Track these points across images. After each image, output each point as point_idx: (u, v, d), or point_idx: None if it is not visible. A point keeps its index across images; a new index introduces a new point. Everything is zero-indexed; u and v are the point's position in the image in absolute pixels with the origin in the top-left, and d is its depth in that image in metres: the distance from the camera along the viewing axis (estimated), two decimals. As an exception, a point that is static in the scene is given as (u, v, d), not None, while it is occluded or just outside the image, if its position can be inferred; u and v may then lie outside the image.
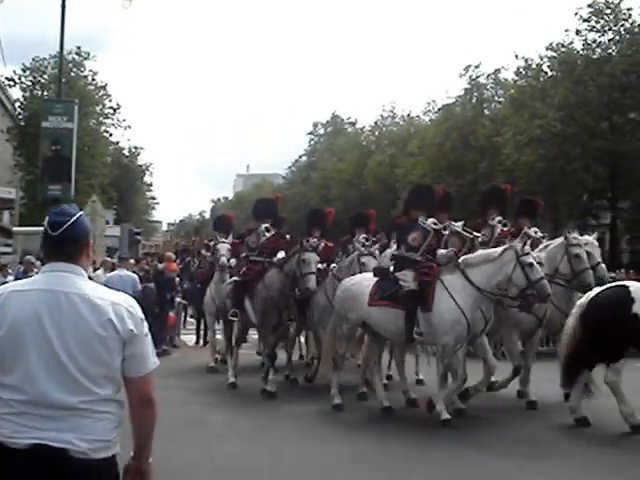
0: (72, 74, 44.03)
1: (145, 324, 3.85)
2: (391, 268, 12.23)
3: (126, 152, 65.20)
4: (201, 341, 22.23)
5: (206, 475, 8.81)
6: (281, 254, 14.46)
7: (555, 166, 40.28)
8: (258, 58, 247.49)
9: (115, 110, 48.46)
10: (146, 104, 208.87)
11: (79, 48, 45.13)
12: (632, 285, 10.84)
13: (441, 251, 11.85)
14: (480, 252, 11.65)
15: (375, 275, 12.24)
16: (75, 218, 3.81)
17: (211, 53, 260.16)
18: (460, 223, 12.54)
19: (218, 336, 17.55)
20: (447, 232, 12.26)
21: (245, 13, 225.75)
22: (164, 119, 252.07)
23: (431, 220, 12.07)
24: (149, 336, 3.87)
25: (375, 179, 58.59)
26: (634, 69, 39.29)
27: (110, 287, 4.08)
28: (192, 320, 24.21)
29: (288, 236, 16.28)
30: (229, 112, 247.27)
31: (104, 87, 47.77)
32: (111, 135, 50.57)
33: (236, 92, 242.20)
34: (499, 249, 11.38)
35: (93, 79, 46.66)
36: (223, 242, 17.31)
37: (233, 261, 16.94)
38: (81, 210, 3.96)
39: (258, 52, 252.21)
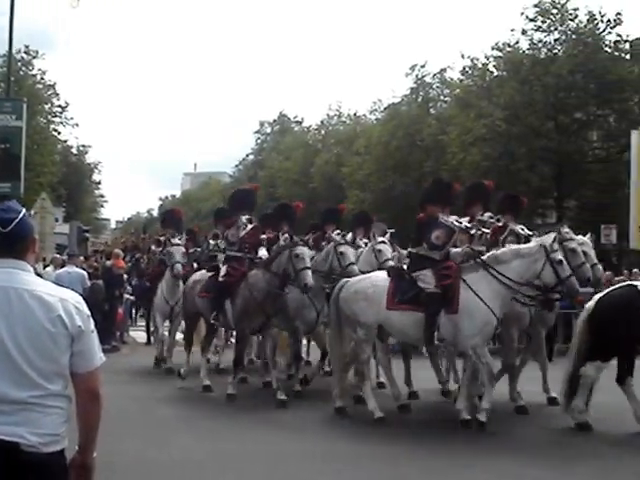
0: (21, 73, 43.96)
1: (91, 320, 3.86)
2: (404, 267, 11.81)
3: (74, 150, 64.87)
4: (152, 339, 21.66)
5: (158, 467, 8.76)
6: (262, 251, 14.14)
7: (500, 165, 40.27)
8: (205, 56, 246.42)
9: (63, 108, 48.22)
10: (94, 102, 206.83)
11: (27, 47, 45.42)
12: None
13: (455, 250, 11.43)
14: (509, 248, 11.23)
15: (389, 275, 11.60)
16: (22, 214, 3.82)
17: (159, 51, 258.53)
18: (465, 219, 12.23)
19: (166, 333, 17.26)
20: (474, 231, 11.89)
21: (192, 10, 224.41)
22: (112, 117, 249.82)
23: (454, 217, 11.69)
24: (95, 332, 3.89)
25: (322, 178, 58.39)
26: (580, 69, 39.35)
27: (59, 284, 4.11)
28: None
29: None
30: (177, 110, 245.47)
31: (52, 86, 48.21)
32: (59, 133, 50.75)
33: (184, 90, 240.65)
34: (530, 245, 11.03)
35: (42, 78, 46.75)
36: (177, 245, 16.60)
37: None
38: (27, 208, 3.62)
39: (205, 50, 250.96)
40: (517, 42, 42.38)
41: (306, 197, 58.64)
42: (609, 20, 40.77)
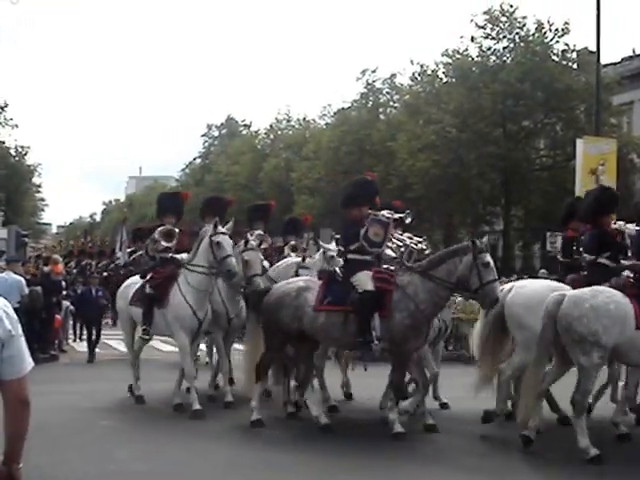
0: None
1: (19, 325, 3.77)
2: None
3: (13, 152, 63.10)
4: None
5: (100, 480, 8.57)
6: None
7: (449, 172, 40.51)
8: (152, 58, 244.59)
9: (2, 109, 47.13)
10: (35, 103, 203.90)
11: None
12: None
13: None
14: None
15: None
16: None
17: (102, 51, 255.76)
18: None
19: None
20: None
21: (137, 8, 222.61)
22: (54, 119, 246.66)
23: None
24: (23, 337, 3.79)
25: (270, 183, 58.16)
26: (527, 77, 39.69)
27: None
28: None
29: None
30: (122, 112, 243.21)
31: None
32: None
33: (130, 92, 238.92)
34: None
35: None
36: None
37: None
38: None
39: (151, 52, 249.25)
40: (466, 49, 42.74)
41: (254, 202, 58.43)
42: (557, 29, 41.33)
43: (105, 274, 25.81)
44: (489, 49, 42.50)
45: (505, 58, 42.16)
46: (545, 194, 40.66)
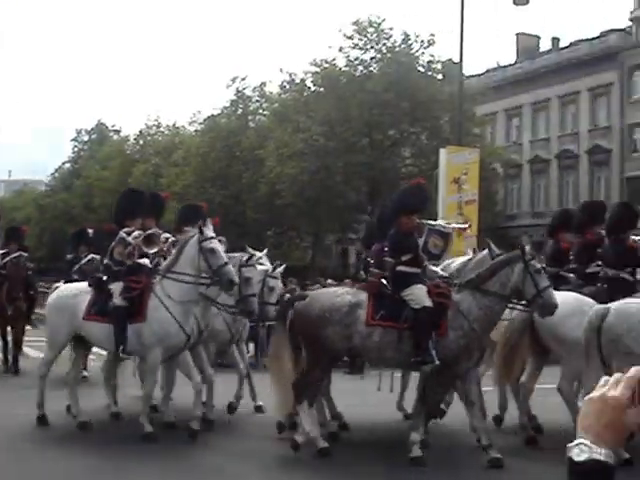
0: None
1: None
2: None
3: None
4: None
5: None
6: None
7: (317, 180, 40.82)
8: (20, 59, 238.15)
9: None
10: None
11: None
12: None
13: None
14: None
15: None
16: None
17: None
18: None
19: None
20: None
21: (20, 12, 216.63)
22: None
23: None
24: None
25: (139, 188, 57.45)
26: (393, 87, 40.39)
27: None
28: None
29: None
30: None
31: None
32: None
33: None
34: None
35: None
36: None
37: None
38: None
39: (23, 54, 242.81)
40: (334, 59, 43.29)
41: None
42: (423, 41, 42.45)
43: None
44: (356, 59, 43.24)
45: (372, 68, 42.94)
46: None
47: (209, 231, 10.75)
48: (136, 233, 11.22)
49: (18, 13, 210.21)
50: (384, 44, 42.77)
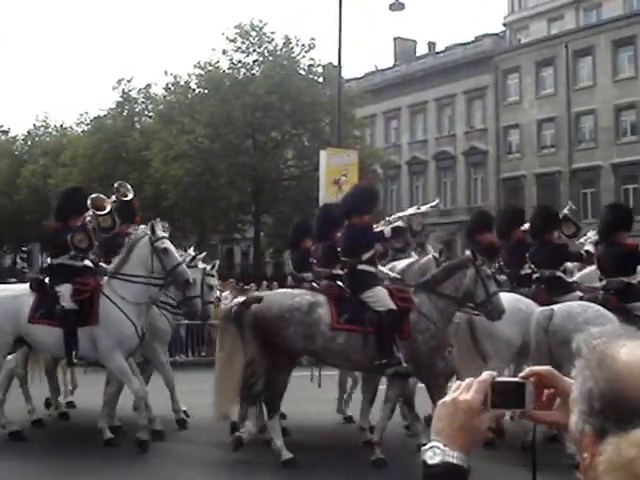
0: None
1: None
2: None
3: None
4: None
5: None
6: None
7: (202, 181, 41.39)
8: None
9: None
10: None
11: None
12: None
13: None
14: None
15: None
16: None
17: None
18: None
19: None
20: None
21: None
22: None
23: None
24: None
25: (28, 189, 56.97)
26: (276, 90, 41.22)
27: None
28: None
29: None
30: None
31: None
32: None
33: None
34: None
35: None
36: None
37: None
38: None
39: None
40: (218, 61, 44.02)
41: (12, 208, 57.22)
42: (303, 45, 43.33)
43: None
44: (239, 62, 44.00)
45: (254, 71, 43.68)
46: (293, 203, 42.28)
47: (160, 231, 10.61)
48: (88, 218, 11.00)
49: None
50: (266, 47, 43.60)
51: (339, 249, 10.62)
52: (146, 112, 50.78)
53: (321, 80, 44.40)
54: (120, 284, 10.54)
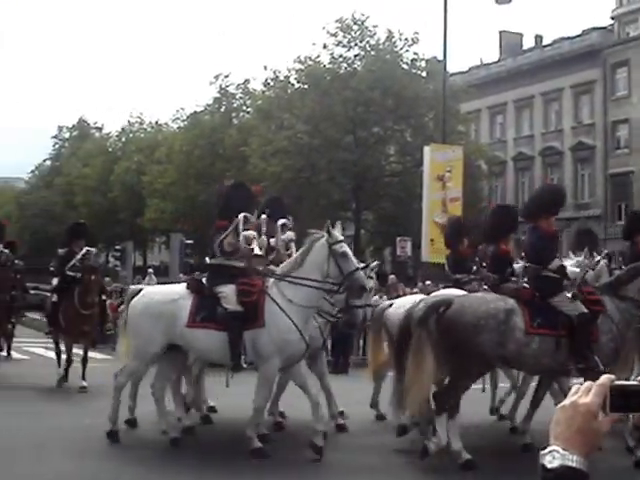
0: None
1: None
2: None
3: None
4: None
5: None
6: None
7: (301, 177, 40.72)
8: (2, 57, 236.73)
9: None
10: None
11: None
12: None
13: None
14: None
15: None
16: None
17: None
18: None
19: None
20: None
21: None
22: None
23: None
24: None
25: (121, 186, 57.25)
26: (378, 85, 40.29)
27: None
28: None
29: None
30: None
31: None
32: None
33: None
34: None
35: None
36: None
37: None
38: None
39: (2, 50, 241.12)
40: (318, 56, 43.17)
41: (105, 206, 57.45)
42: (407, 39, 42.39)
43: None
44: (340, 57, 43.13)
45: (356, 66, 42.80)
46: (395, 199, 41.41)
47: (338, 234, 10.03)
48: (250, 233, 10.64)
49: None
50: (368, 42, 42.75)
51: (523, 253, 10.68)
52: (244, 108, 50.44)
53: (424, 74, 43.33)
54: (289, 286, 9.90)
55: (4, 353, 20.38)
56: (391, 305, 12.25)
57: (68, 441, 10.27)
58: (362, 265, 11.48)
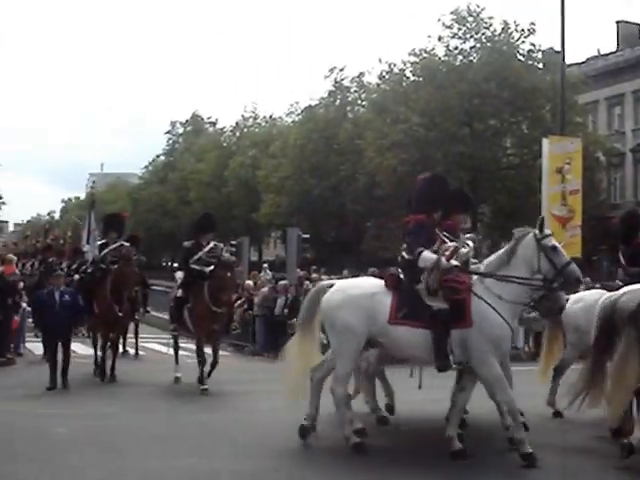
0: None
1: None
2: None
3: (-30, 148, 61.85)
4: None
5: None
6: None
7: (417, 170, 40.55)
8: (112, 51, 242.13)
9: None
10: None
11: None
12: None
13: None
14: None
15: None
16: None
17: (60, 45, 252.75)
18: None
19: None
20: None
21: (100, 2, 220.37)
22: (9, 114, 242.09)
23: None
24: None
25: (236, 181, 58.00)
26: (494, 77, 40.01)
27: None
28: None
29: None
30: (81, 107, 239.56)
31: None
32: None
33: (91, 85, 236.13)
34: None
35: None
36: None
37: None
38: None
39: (113, 45, 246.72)
40: (433, 48, 43.06)
41: (219, 201, 58.23)
42: (523, 29, 41.84)
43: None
44: (456, 49, 42.90)
45: (472, 58, 42.53)
46: (512, 192, 41.07)
47: (547, 229, 9.79)
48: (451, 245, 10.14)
49: (121, 10, 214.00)
50: (483, 33, 42.36)
51: None
52: (359, 101, 50.61)
53: (541, 66, 42.82)
54: (497, 283, 9.60)
55: (132, 351, 20.64)
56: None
57: (193, 438, 10.46)
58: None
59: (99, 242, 17.68)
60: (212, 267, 14.90)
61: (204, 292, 14.71)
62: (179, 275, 15.80)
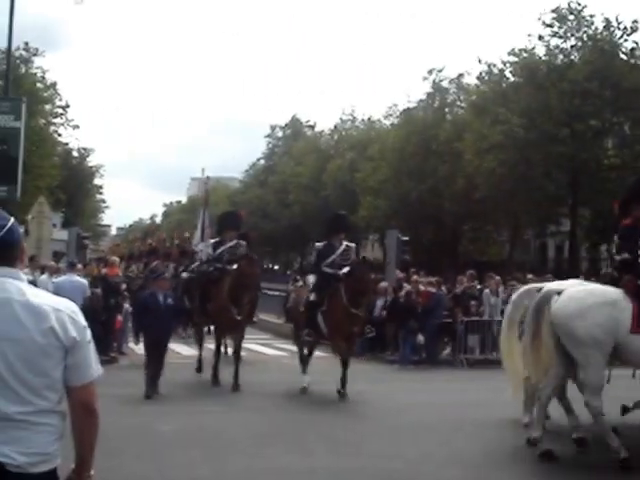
0: (20, 71, 41.92)
1: (88, 331, 3.63)
2: None
3: (75, 153, 63.46)
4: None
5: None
6: None
7: (516, 172, 40.20)
8: (215, 58, 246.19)
9: (64, 109, 47.01)
10: (96, 104, 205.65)
11: (27, 44, 43.78)
12: None
13: None
14: None
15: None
16: (11, 222, 3.57)
17: (165, 52, 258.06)
18: None
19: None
20: None
21: (201, 9, 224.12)
22: (115, 120, 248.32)
23: None
24: (92, 343, 3.65)
25: (334, 183, 58.21)
26: (595, 76, 39.30)
27: (60, 293, 3.94)
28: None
29: None
30: (184, 113, 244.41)
31: (53, 85, 46.44)
32: (60, 135, 49.39)
33: (192, 93, 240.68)
34: None
35: (42, 77, 45.23)
36: None
37: None
38: (23, 212, 3.45)
39: (214, 52, 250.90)
40: (534, 48, 42.63)
41: (317, 205, 58.54)
42: (625, 27, 41.00)
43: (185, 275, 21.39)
44: (557, 48, 42.33)
45: (573, 57, 41.92)
46: (614, 195, 40.06)
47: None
48: None
49: (214, 12, 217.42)
50: (585, 32, 41.71)
51: None
52: (458, 102, 50.27)
53: (644, 64, 41.81)
54: None
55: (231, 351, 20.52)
56: None
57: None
58: None
59: (212, 240, 17.41)
60: (347, 269, 14.28)
61: (341, 294, 14.07)
62: (310, 279, 15.48)
